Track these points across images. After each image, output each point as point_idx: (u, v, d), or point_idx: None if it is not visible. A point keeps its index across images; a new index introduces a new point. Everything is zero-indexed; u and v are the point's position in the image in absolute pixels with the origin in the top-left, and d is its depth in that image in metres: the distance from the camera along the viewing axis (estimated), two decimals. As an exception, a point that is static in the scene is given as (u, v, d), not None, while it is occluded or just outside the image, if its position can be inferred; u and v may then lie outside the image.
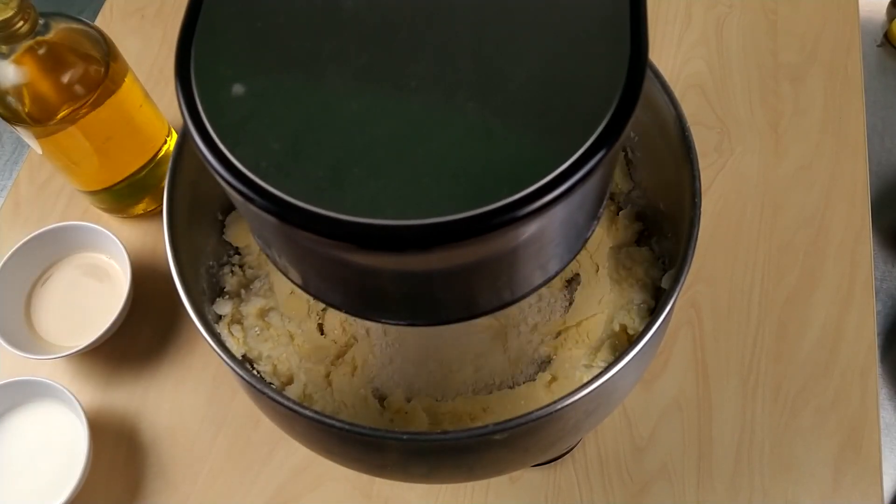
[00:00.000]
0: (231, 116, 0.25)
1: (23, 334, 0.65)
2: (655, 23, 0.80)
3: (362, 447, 0.39)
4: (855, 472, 0.58)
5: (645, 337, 0.37)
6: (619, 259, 0.52)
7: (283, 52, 0.27)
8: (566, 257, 0.30)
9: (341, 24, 0.27)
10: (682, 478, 0.59)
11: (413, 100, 0.25)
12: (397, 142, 0.25)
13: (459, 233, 0.23)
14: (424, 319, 0.31)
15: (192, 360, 0.66)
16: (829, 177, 0.70)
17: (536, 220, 0.24)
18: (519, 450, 0.40)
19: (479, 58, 0.26)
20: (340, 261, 0.26)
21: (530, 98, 0.25)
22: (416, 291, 0.28)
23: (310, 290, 0.31)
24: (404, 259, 0.25)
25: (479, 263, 0.27)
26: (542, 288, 0.31)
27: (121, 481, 0.61)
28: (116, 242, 0.65)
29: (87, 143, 0.61)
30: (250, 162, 0.25)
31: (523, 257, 0.27)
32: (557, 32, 0.26)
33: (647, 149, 0.49)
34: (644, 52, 0.25)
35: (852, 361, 0.62)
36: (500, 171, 0.24)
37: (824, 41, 0.78)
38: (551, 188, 0.23)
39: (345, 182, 0.24)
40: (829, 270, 0.66)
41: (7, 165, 0.88)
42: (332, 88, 0.26)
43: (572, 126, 0.24)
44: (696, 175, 0.40)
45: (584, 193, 0.25)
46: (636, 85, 0.25)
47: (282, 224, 0.24)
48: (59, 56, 0.58)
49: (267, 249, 0.31)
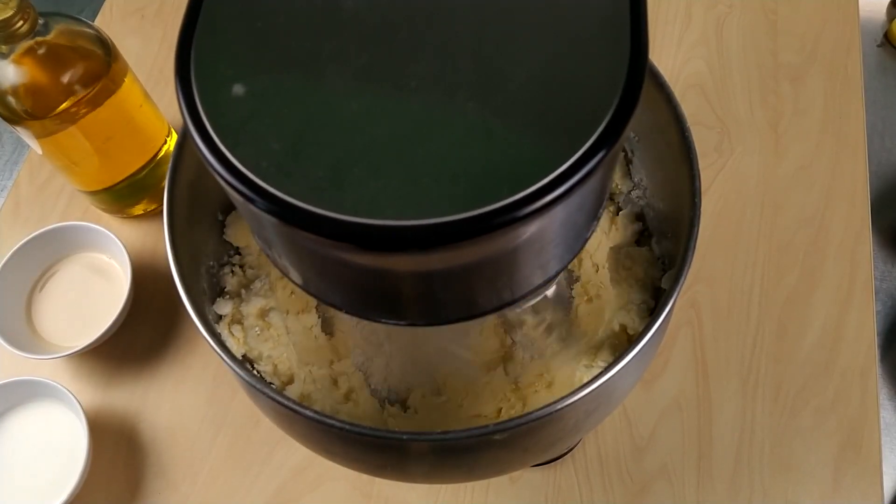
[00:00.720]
0: (231, 116, 0.25)
1: (23, 334, 0.65)
2: (655, 23, 0.80)
3: (362, 447, 0.39)
4: (855, 472, 0.58)
5: (645, 337, 0.37)
6: (619, 259, 0.52)
7: (283, 52, 0.27)
8: (566, 257, 0.30)
9: (341, 24, 0.27)
10: (682, 478, 0.59)
11: (413, 100, 0.25)
12: (397, 142, 0.25)
13: (459, 233, 0.23)
14: (424, 319, 0.31)
15: (192, 360, 0.66)
16: (829, 177, 0.70)
17: (536, 221, 0.24)
18: (519, 450, 0.40)
19: (479, 58, 0.26)
20: (340, 261, 0.26)
21: (530, 98, 0.25)
22: (415, 291, 0.28)
23: (310, 290, 0.31)
24: (404, 259, 0.25)
25: (479, 264, 0.27)
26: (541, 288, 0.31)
27: (121, 481, 0.61)
28: (117, 242, 0.65)
29: (87, 143, 0.61)
30: (250, 162, 0.25)
31: (523, 257, 0.27)
32: (557, 32, 0.26)
33: (647, 149, 0.49)
34: (644, 52, 0.25)
35: (852, 361, 0.62)
36: (500, 172, 0.24)
37: (824, 41, 0.78)
38: (551, 189, 0.23)
39: (345, 182, 0.24)
40: (829, 270, 0.66)
41: (7, 165, 0.88)
42: (332, 88, 0.26)
43: (572, 126, 0.24)
44: (696, 175, 0.40)
45: (584, 194, 0.25)
46: (636, 85, 0.25)
47: (282, 224, 0.24)
48: (59, 56, 0.58)
49: (267, 250, 0.31)
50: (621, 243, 0.53)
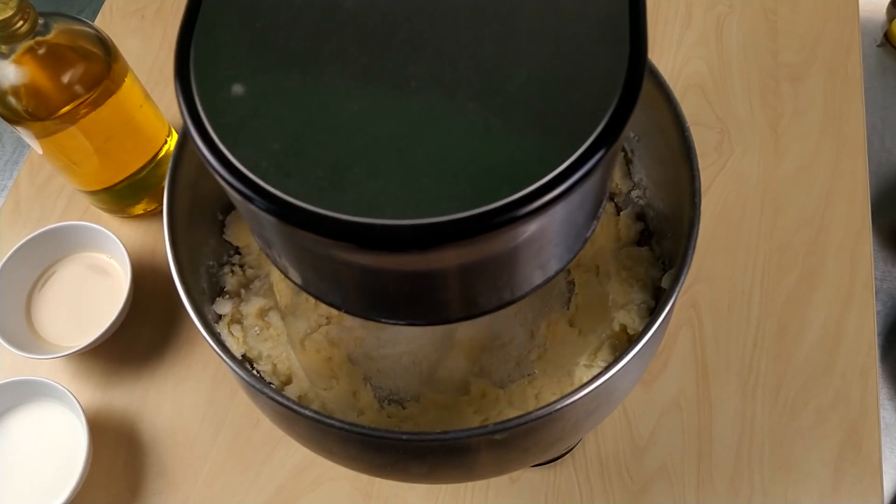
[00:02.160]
0: (231, 116, 0.25)
1: (23, 334, 0.65)
2: (655, 23, 0.80)
3: (362, 447, 0.39)
4: (855, 473, 0.58)
5: (645, 337, 0.37)
6: (619, 259, 0.52)
7: (282, 52, 0.27)
8: (566, 257, 0.30)
9: (341, 24, 0.27)
10: (682, 478, 0.59)
11: (413, 100, 0.25)
12: (397, 141, 0.25)
13: (459, 232, 0.23)
14: (424, 319, 0.31)
15: (192, 360, 0.66)
16: (829, 177, 0.70)
17: (536, 220, 0.24)
18: (519, 450, 0.40)
19: (478, 58, 0.26)
20: (341, 261, 0.26)
21: (530, 98, 0.25)
22: (415, 291, 0.28)
23: (310, 290, 0.31)
24: (404, 259, 0.25)
25: (479, 263, 0.27)
26: (542, 288, 0.31)
27: (120, 481, 0.61)
28: (117, 242, 0.65)
29: (87, 143, 0.61)
30: (250, 162, 0.25)
31: (523, 257, 0.27)
32: (557, 32, 0.26)
33: (647, 149, 0.49)
34: (643, 51, 0.25)
35: (852, 361, 0.62)
36: (499, 171, 0.24)
37: (824, 41, 0.78)
38: (551, 188, 0.23)
39: (345, 182, 0.24)
40: (829, 270, 0.66)
41: (7, 165, 0.88)
42: (332, 88, 0.26)
43: (572, 125, 0.24)
44: (696, 175, 0.40)
45: (584, 193, 0.25)
46: (636, 84, 0.25)
47: (282, 224, 0.24)
48: (60, 56, 0.58)
49: (267, 249, 0.31)
50: (621, 243, 0.53)
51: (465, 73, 0.26)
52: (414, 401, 0.53)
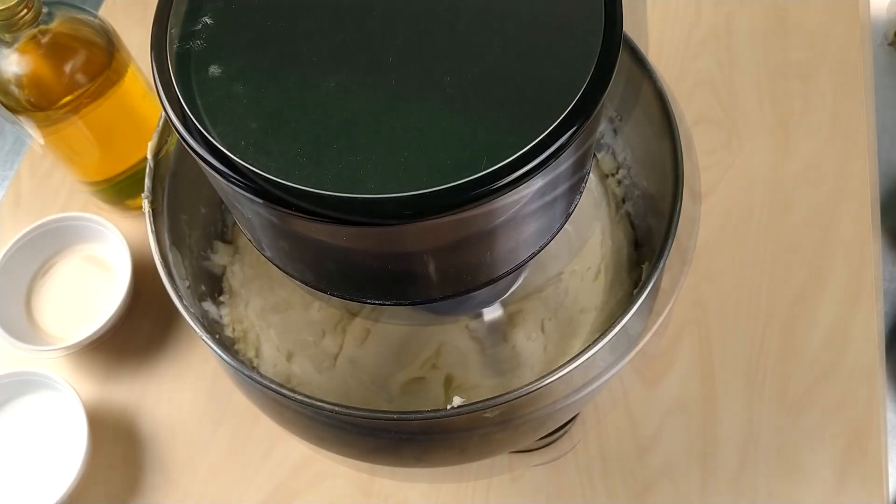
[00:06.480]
0: (208, 96, 0.26)
1: (23, 326, 0.65)
2: (664, 19, 0.80)
3: (353, 430, 0.38)
4: (860, 474, 0.58)
5: (631, 310, 0.37)
6: (619, 259, 0.52)
7: (258, 32, 0.27)
8: (549, 231, 0.30)
9: (316, 3, 0.27)
10: (686, 478, 0.58)
11: (390, 75, 0.26)
12: (376, 116, 0.25)
13: (441, 203, 0.23)
14: (409, 298, 0.31)
15: (192, 356, 0.66)
16: (837, 176, 0.70)
17: (515, 191, 0.24)
18: (510, 427, 0.40)
19: (455, 32, 0.26)
20: (325, 240, 0.27)
21: (508, 72, 0.25)
22: (399, 269, 0.29)
23: (294, 274, 0.31)
24: (386, 233, 0.25)
25: (461, 238, 0.27)
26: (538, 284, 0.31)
27: (119, 476, 0.61)
28: (117, 235, 0.65)
29: (89, 133, 0.61)
30: (229, 141, 0.25)
31: (504, 231, 0.27)
32: (535, 6, 0.27)
33: (631, 127, 0.49)
34: (619, 25, 0.26)
35: (859, 362, 0.61)
36: (478, 143, 0.24)
37: (834, 39, 0.77)
38: (530, 158, 0.24)
39: (324, 158, 0.24)
40: (836, 270, 0.65)
41: (9, 156, 0.88)
42: (308, 66, 0.26)
43: (549, 98, 0.25)
44: (679, 149, 0.40)
45: (563, 165, 0.25)
46: (611, 57, 0.25)
47: (263, 202, 0.24)
48: (63, 45, 0.58)
49: (250, 233, 0.31)
50: (619, 242, 0.52)
51: (443, 47, 0.26)
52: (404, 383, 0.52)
